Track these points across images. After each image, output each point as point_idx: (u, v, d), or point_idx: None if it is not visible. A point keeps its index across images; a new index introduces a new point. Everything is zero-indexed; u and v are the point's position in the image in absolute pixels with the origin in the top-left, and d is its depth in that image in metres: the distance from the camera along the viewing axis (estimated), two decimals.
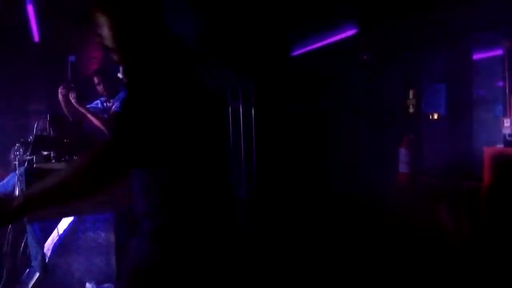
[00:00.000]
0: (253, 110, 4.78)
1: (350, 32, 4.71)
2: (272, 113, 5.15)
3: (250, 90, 4.71)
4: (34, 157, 2.29)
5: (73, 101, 3.30)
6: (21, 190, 2.28)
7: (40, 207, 1.06)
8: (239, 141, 4.75)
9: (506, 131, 4.29)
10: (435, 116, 5.50)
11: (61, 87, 3.39)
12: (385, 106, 5.44)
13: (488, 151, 4.03)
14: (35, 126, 2.91)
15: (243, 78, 4.69)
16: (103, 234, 2.77)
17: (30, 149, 2.33)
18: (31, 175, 2.19)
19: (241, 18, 4.04)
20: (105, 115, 3.49)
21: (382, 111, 5.45)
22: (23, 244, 2.63)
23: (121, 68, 1.42)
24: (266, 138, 5.04)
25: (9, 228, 2.43)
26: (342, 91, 5.40)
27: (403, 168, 4.82)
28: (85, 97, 3.49)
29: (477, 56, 5.01)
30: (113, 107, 3.48)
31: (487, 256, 3.36)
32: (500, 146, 4.21)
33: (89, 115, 3.34)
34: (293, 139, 5.27)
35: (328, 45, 4.79)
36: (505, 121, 4.40)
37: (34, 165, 2.27)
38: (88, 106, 3.49)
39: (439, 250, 3.65)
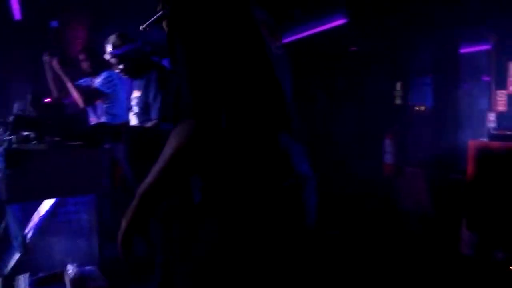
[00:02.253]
0: None
1: (338, 22, 4.69)
2: None
3: None
4: (14, 137, 2.24)
5: (55, 66, 3.26)
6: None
7: (157, 199, 1.02)
8: None
9: (491, 125, 4.35)
10: (422, 108, 5.55)
11: (45, 54, 3.35)
12: (372, 97, 5.46)
13: (472, 144, 4.09)
14: (15, 105, 2.86)
15: None
16: (85, 217, 2.74)
17: (9, 129, 2.28)
18: (10, 156, 2.14)
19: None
20: None
21: (369, 103, 5.48)
22: (3, 224, 2.60)
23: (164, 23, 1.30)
24: None
25: None
26: (328, 82, 5.40)
27: (388, 158, 4.88)
28: (69, 64, 3.45)
29: (463, 50, 5.04)
30: (95, 83, 3.44)
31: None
32: (484, 139, 4.27)
33: (69, 84, 3.32)
34: None
35: (316, 34, 4.77)
36: (490, 115, 4.46)
37: (13, 145, 2.21)
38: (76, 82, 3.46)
39: (425, 238, 3.72)
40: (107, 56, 2.58)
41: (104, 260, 2.71)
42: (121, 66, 2.58)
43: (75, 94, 3.33)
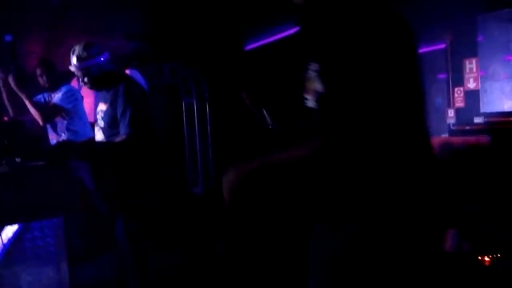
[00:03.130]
0: (207, 105, 4.70)
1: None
2: (227, 107, 5.10)
3: (203, 85, 4.61)
4: None
5: (11, 83, 3.07)
6: None
7: (267, 176, 1.04)
8: (194, 137, 4.65)
9: (451, 121, 4.53)
10: None
11: None
12: None
13: (434, 141, 4.23)
14: None
15: (195, 72, 4.58)
16: (52, 242, 2.58)
17: None
18: None
19: (192, 11, 3.93)
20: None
21: None
22: None
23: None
24: (222, 133, 4.97)
25: None
26: (298, 86, 5.42)
27: None
28: (25, 81, 3.26)
29: (420, 50, 5.23)
30: (54, 99, 3.28)
31: None
32: (444, 135, 4.44)
33: (27, 102, 3.13)
34: (249, 134, 5.26)
35: (283, 39, 4.79)
36: (449, 111, 4.65)
37: None
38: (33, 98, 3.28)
39: None
40: (71, 68, 2.45)
41: (74, 286, 2.57)
42: (86, 79, 2.46)
43: (33, 111, 3.15)
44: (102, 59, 2.42)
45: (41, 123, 3.23)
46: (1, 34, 3.62)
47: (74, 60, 2.41)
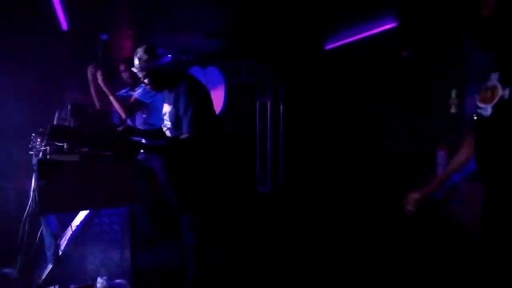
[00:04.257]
0: (281, 105, 4.61)
1: (389, 26, 4.41)
2: (301, 108, 4.95)
3: (279, 84, 4.53)
4: (48, 148, 2.24)
5: (99, 79, 3.30)
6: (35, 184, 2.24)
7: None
8: (266, 137, 4.61)
9: None
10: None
11: (90, 66, 3.41)
12: (424, 106, 5.10)
13: None
14: (56, 115, 2.89)
15: (272, 71, 4.52)
16: (118, 229, 2.71)
17: (45, 140, 2.28)
18: (42, 167, 2.14)
19: (272, 9, 3.87)
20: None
21: (421, 111, 5.12)
22: (38, 235, 2.62)
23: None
24: (294, 134, 4.85)
25: (24, 219, 2.41)
26: (378, 88, 5.11)
27: (441, 171, 4.50)
28: (112, 77, 3.49)
29: None
30: (135, 94, 3.45)
31: None
32: None
33: (111, 97, 3.35)
34: (322, 136, 5.06)
35: (365, 39, 4.51)
36: None
37: (47, 156, 2.21)
38: (117, 93, 3.49)
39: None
40: (134, 70, 2.52)
41: (135, 273, 2.67)
42: (147, 81, 2.51)
43: (116, 106, 3.36)
44: (162, 61, 2.45)
45: (123, 116, 3.43)
46: (96, 32, 3.92)
47: (136, 62, 2.47)
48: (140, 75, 2.51)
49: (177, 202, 2.61)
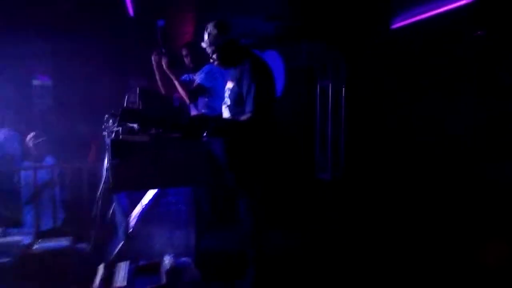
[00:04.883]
0: (343, 89, 4.45)
1: (463, 2, 4.09)
2: (364, 91, 4.75)
3: (341, 66, 4.37)
4: (120, 129, 2.32)
5: (164, 66, 3.38)
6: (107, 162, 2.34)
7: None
8: (326, 121, 4.48)
9: None
10: None
11: (153, 53, 3.49)
12: (498, 89, 4.70)
13: None
14: (126, 98, 3.00)
15: (334, 53, 4.36)
16: (184, 208, 2.78)
17: (117, 121, 2.37)
18: (116, 147, 2.22)
19: None
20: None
21: (494, 95, 4.72)
22: (110, 212, 2.75)
23: None
24: (356, 119, 4.68)
25: (98, 197, 2.54)
26: (448, 70, 4.77)
27: None
28: (176, 63, 3.56)
29: None
30: (198, 79, 3.49)
31: None
32: None
33: (176, 83, 3.42)
34: (386, 121, 4.84)
35: (435, 17, 4.21)
36: None
37: (120, 137, 2.30)
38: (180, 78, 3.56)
39: None
40: (203, 45, 2.55)
41: (199, 252, 2.74)
42: (214, 56, 2.53)
43: (181, 91, 3.42)
44: (231, 37, 2.46)
45: (187, 101, 3.48)
46: (155, 18, 4.00)
47: (205, 36, 2.50)
48: (208, 50, 2.54)
49: (236, 184, 2.62)
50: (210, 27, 2.49)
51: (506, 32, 4.43)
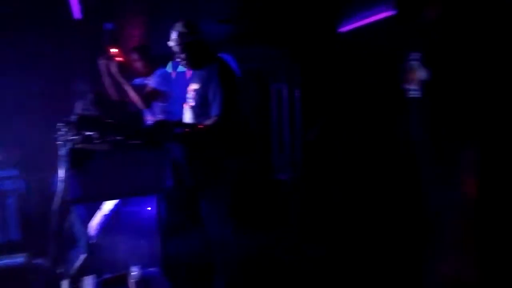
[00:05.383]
0: (297, 90, 4.54)
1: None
2: (318, 93, 4.90)
3: (294, 69, 4.47)
4: (78, 137, 2.21)
5: (112, 70, 3.24)
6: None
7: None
8: (283, 124, 4.56)
9: None
10: None
11: (101, 58, 3.33)
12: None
13: None
14: (78, 105, 2.86)
15: (287, 56, 4.45)
16: (147, 217, 2.70)
17: (73, 129, 2.25)
18: (74, 156, 2.12)
19: None
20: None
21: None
22: (69, 224, 2.60)
23: None
24: (312, 119, 4.81)
25: (54, 209, 2.39)
26: (397, 72, 5.02)
27: None
28: (126, 67, 3.44)
29: None
30: (151, 83, 3.40)
31: None
32: None
33: (127, 88, 3.28)
34: (341, 122, 5.02)
35: (383, 20, 4.42)
36: None
37: (77, 145, 2.19)
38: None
39: None
40: (170, 44, 2.50)
41: (165, 261, 2.67)
42: (182, 56, 2.50)
43: (134, 97, 3.29)
44: (200, 37, 2.45)
45: (140, 107, 3.36)
46: (102, 21, 3.85)
47: (174, 35, 2.46)
48: (176, 49, 2.49)
49: (199, 189, 2.60)
50: (179, 26, 2.47)
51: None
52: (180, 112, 3.47)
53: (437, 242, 1.47)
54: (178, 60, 2.58)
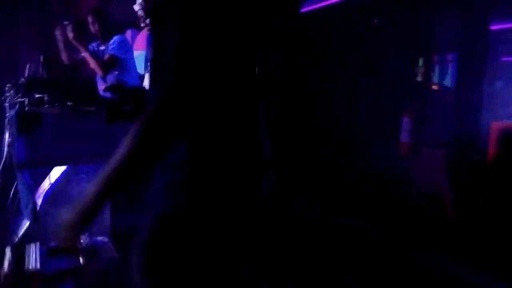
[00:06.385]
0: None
1: None
2: (280, 75, 4.94)
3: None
4: (26, 100, 2.11)
5: (70, 37, 3.09)
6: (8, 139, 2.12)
7: (113, 192, 1.03)
8: None
9: None
10: (442, 86, 5.34)
11: (56, 28, 3.17)
12: (391, 74, 5.25)
13: (495, 126, 3.94)
14: (27, 67, 2.71)
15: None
16: None
17: (21, 91, 2.15)
18: (22, 119, 2.02)
19: None
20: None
21: (388, 79, 5.28)
22: (12, 191, 2.50)
23: None
24: (278, 104, 4.86)
25: None
26: (347, 55, 5.17)
27: (404, 137, 4.72)
28: (83, 32, 3.28)
29: (496, 27, 4.79)
30: (109, 49, 3.27)
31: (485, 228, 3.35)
32: (508, 121, 4.11)
33: (86, 54, 3.16)
34: (292, 106, 5.11)
35: (338, 3, 4.51)
36: None
37: (26, 108, 2.09)
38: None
39: (438, 220, 3.63)
40: (135, 7, 2.41)
41: (115, 231, 2.65)
42: (148, 21, 2.42)
43: (93, 64, 3.17)
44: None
45: (100, 74, 3.24)
46: None
47: None
48: (141, 13, 2.40)
49: None
50: None
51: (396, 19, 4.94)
52: (136, 82, 3.39)
53: None
54: (143, 25, 2.50)
